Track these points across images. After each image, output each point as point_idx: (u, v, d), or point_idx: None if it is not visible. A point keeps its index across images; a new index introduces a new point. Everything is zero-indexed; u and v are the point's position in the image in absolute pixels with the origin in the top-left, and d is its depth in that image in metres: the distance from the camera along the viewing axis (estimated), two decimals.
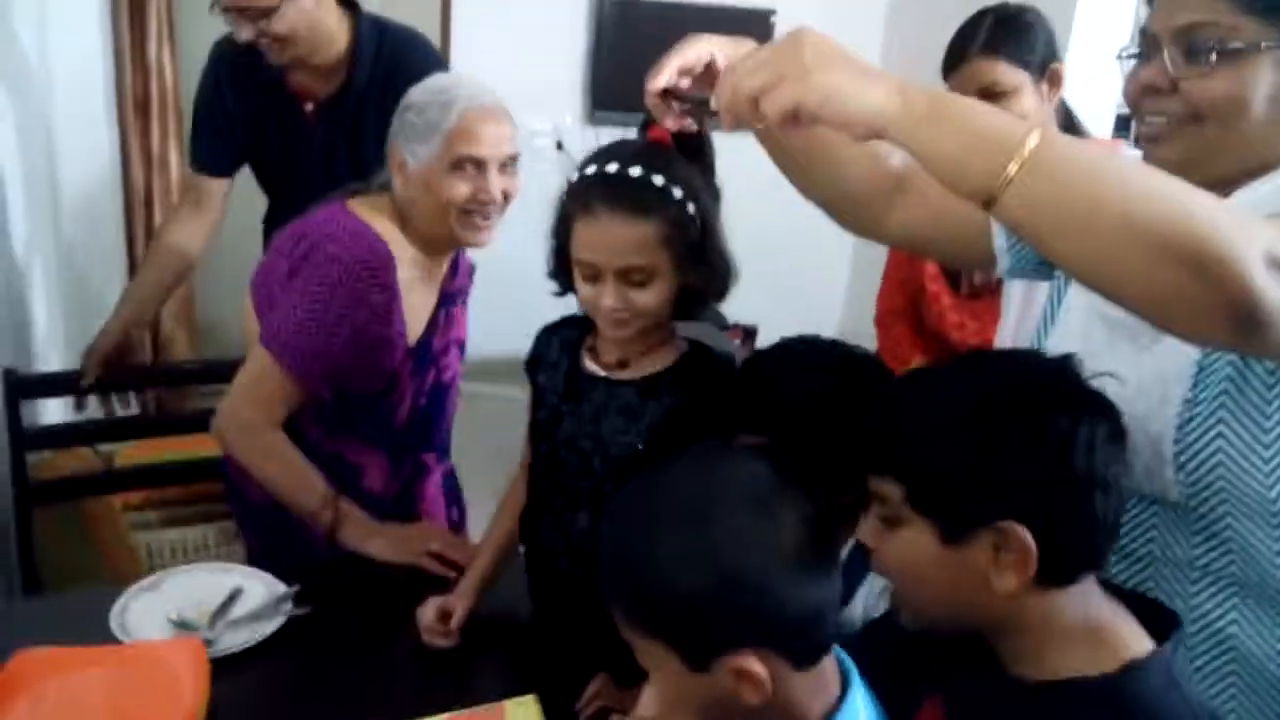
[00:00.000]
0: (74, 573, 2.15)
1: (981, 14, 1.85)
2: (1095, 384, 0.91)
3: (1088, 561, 0.90)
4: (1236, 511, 1.01)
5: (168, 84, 3.29)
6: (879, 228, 1.24)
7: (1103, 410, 0.89)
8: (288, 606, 1.46)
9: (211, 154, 2.18)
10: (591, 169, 1.27)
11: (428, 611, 1.45)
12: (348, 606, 1.54)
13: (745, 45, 1.06)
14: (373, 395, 1.72)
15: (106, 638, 1.38)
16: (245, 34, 1.94)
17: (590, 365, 1.39)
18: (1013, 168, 0.83)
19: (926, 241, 1.26)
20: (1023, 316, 1.77)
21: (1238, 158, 1.00)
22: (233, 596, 1.47)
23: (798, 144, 1.17)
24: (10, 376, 2.00)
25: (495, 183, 1.61)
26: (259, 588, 1.50)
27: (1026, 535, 0.85)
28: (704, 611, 0.84)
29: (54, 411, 2.36)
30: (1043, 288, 1.27)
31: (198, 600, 1.46)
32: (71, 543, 2.18)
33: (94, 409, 2.18)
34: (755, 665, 0.84)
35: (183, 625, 1.41)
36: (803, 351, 1.30)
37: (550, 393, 1.42)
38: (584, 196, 1.26)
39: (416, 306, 1.70)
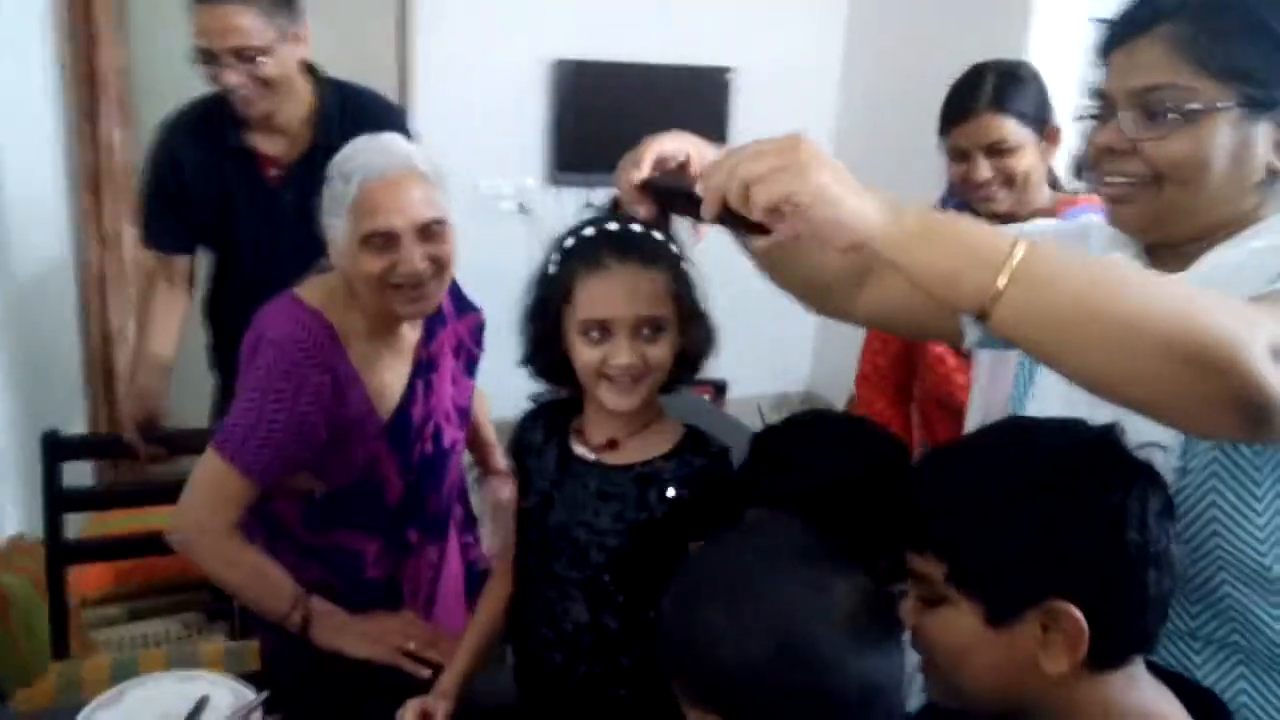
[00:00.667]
0: (33, 671, 2.07)
1: (980, 70, 1.85)
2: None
3: (1139, 642, 0.87)
4: (1233, 579, 0.99)
5: (120, 161, 3.24)
6: (846, 310, 1.24)
7: (1153, 482, 0.87)
8: (257, 716, 1.39)
9: (169, 232, 2.15)
10: (589, 230, 1.26)
11: (407, 715, 1.39)
12: (322, 712, 1.47)
13: (713, 149, 1.07)
14: (358, 482, 1.65)
15: None
16: (231, 79, 1.93)
17: (580, 448, 1.35)
18: (1001, 281, 0.83)
19: (892, 320, 1.27)
20: (994, 377, 1.76)
21: (1200, 216, 1.01)
22: (199, 707, 1.40)
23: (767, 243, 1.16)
24: (50, 439, 2.04)
25: (413, 253, 1.52)
26: (226, 696, 1.43)
27: (1078, 614, 0.82)
28: (763, 686, 0.81)
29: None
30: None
31: (163, 713, 1.39)
32: (32, 639, 2.10)
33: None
34: None
35: None
36: (815, 425, 1.29)
37: (539, 477, 1.37)
38: (591, 254, 1.24)
39: (385, 383, 1.64)
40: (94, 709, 1.39)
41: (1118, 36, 1.02)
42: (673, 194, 1.07)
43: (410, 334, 1.68)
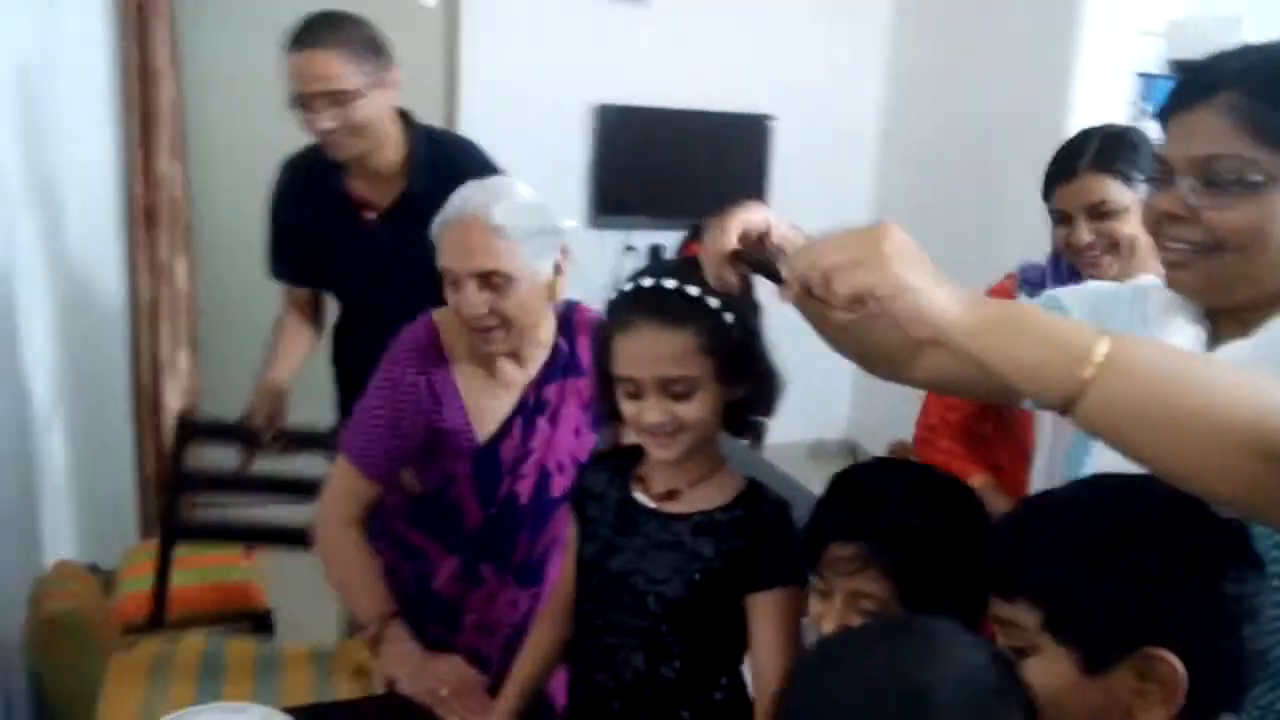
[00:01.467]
0: (80, 699, 2.08)
1: (1087, 132, 1.84)
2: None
3: (1232, 697, 0.86)
4: None
5: (176, 195, 3.30)
6: (905, 374, 1.25)
7: (1242, 537, 0.87)
8: None
9: (285, 265, 2.29)
10: (628, 286, 1.27)
11: None
12: None
13: (799, 229, 1.10)
14: (441, 493, 1.71)
15: None
16: (322, 123, 1.99)
17: (641, 496, 1.36)
18: (1088, 373, 0.83)
19: (951, 384, 1.27)
20: (1058, 426, 1.74)
21: (1260, 283, 1.01)
22: None
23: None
24: (184, 419, 2.39)
25: (472, 298, 1.56)
26: None
27: (1177, 663, 0.82)
28: None
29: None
30: None
31: None
32: (78, 666, 2.11)
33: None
34: None
35: None
36: (901, 469, 1.30)
37: (602, 525, 1.38)
38: (621, 313, 1.26)
39: (485, 408, 1.68)
40: None
41: (1178, 104, 1.03)
42: (758, 267, 1.10)
43: (514, 371, 1.70)
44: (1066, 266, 1.92)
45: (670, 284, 1.23)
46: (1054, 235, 1.87)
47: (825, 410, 4.68)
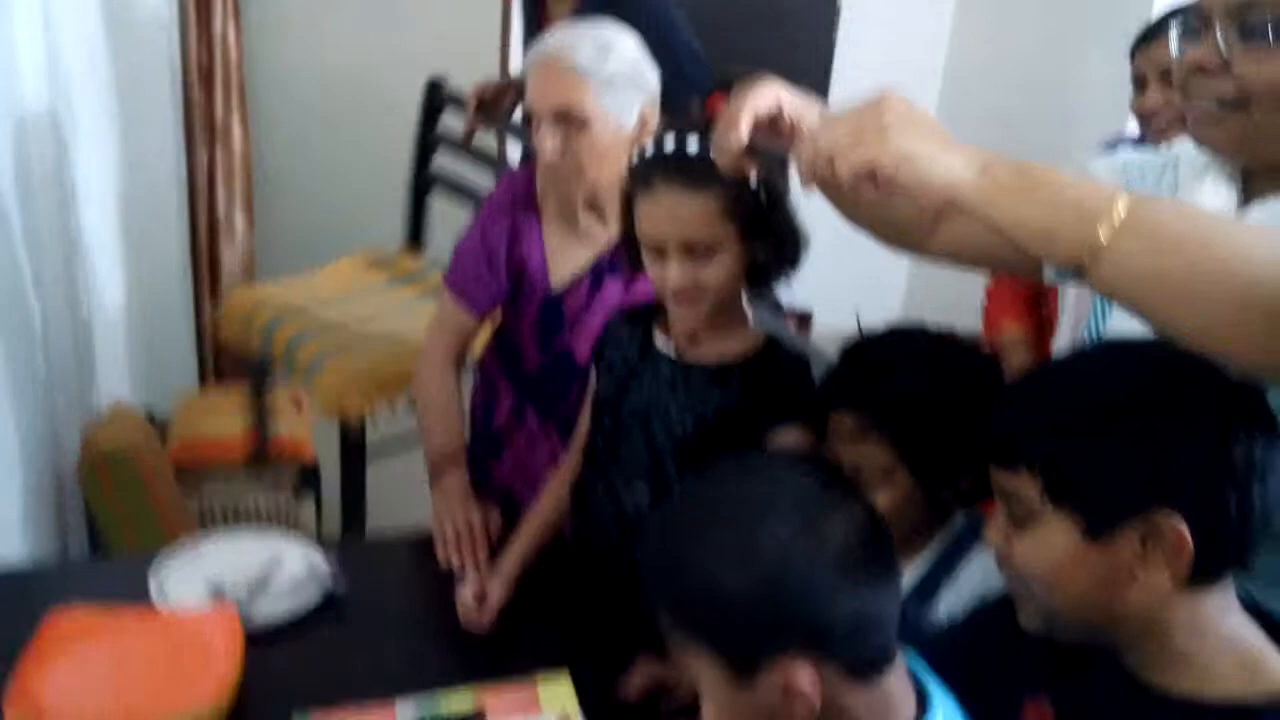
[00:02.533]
0: (132, 535, 2.20)
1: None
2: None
3: (1239, 555, 0.85)
4: None
5: (231, 57, 3.31)
6: (921, 248, 1.23)
7: (1256, 399, 0.85)
8: (326, 579, 1.46)
9: None
10: (650, 148, 1.27)
11: (466, 591, 1.43)
12: (386, 579, 1.53)
13: (813, 102, 1.06)
14: (511, 332, 1.77)
15: (145, 601, 1.39)
16: None
17: (661, 340, 1.38)
18: (1103, 232, 0.81)
19: (968, 257, 1.25)
20: (1079, 297, 1.71)
21: None
22: (271, 567, 1.47)
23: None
24: (432, 85, 2.73)
25: (546, 137, 1.55)
26: (298, 558, 1.50)
27: (1182, 525, 0.81)
28: (747, 615, 0.80)
29: None
30: None
31: (236, 568, 1.46)
32: (129, 505, 2.22)
33: None
34: (802, 675, 0.80)
35: (219, 594, 1.41)
36: (911, 337, 1.28)
37: (619, 366, 1.41)
38: (643, 175, 1.26)
39: (563, 259, 1.70)
40: (172, 558, 1.47)
41: None
42: (772, 157, 1.10)
43: (596, 227, 1.69)
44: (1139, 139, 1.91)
45: (693, 146, 1.22)
46: (1131, 102, 1.87)
47: (878, 294, 4.59)
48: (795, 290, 1.37)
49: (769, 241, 1.27)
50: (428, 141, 2.84)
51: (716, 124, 1.08)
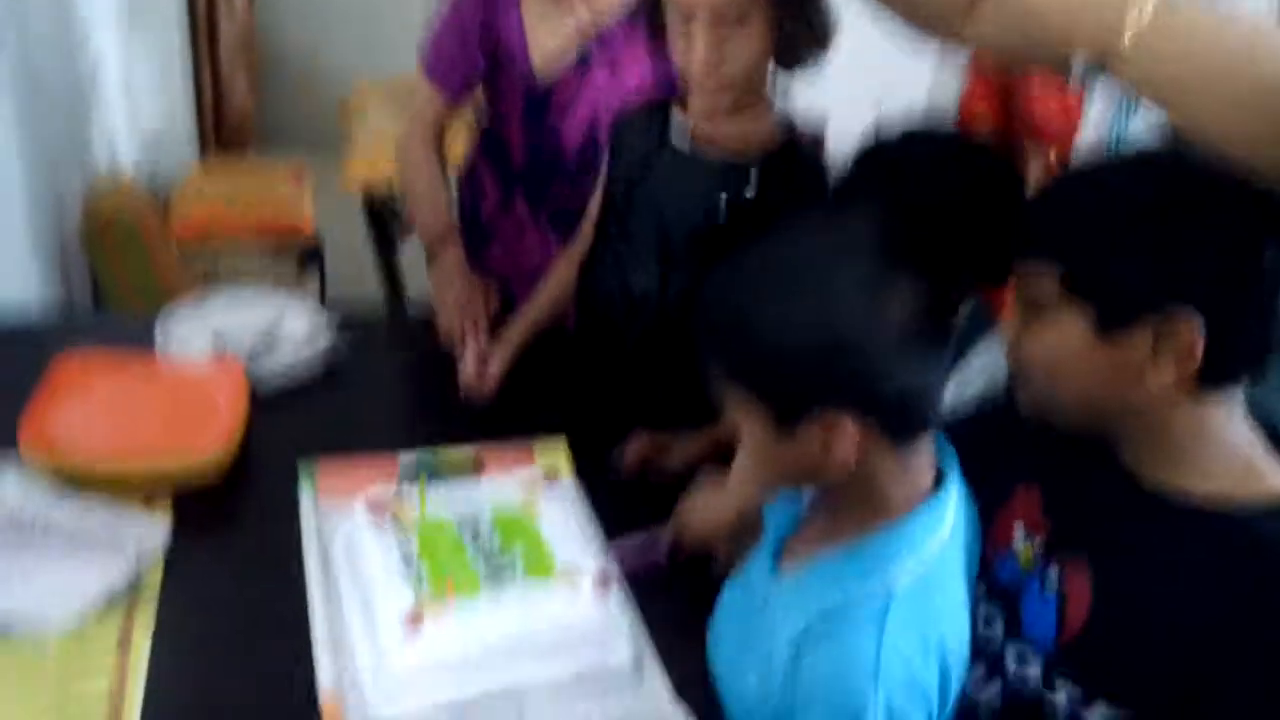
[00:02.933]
0: (133, 297, 2.22)
1: None
2: None
3: (1251, 364, 0.84)
4: None
5: None
6: (957, 33, 1.16)
7: None
8: (329, 336, 1.48)
9: None
10: None
11: (467, 362, 1.45)
12: (389, 340, 1.55)
13: None
14: (496, 122, 1.72)
15: (151, 351, 1.42)
16: None
17: (679, 128, 1.34)
18: (1130, 21, 0.77)
19: (1002, 46, 1.19)
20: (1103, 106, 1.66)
21: None
22: (276, 323, 1.49)
23: None
24: None
25: None
26: (302, 316, 1.51)
27: (1197, 326, 0.80)
28: (805, 369, 0.80)
29: None
30: None
31: (241, 323, 1.48)
32: (132, 272, 2.23)
33: None
34: (845, 431, 0.80)
35: (223, 346, 1.43)
36: (928, 139, 1.25)
37: (634, 150, 1.38)
38: None
39: (546, 40, 1.62)
40: (178, 311, 1.48)
41: None
42: None
43: (582, 8, 1.61)
44: None
45: None
46: None
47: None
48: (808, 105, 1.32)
49: (800, 16, 1.22)
50: None
51: None
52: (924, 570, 0.84)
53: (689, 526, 1.18)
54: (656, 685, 1.03)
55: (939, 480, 0.88)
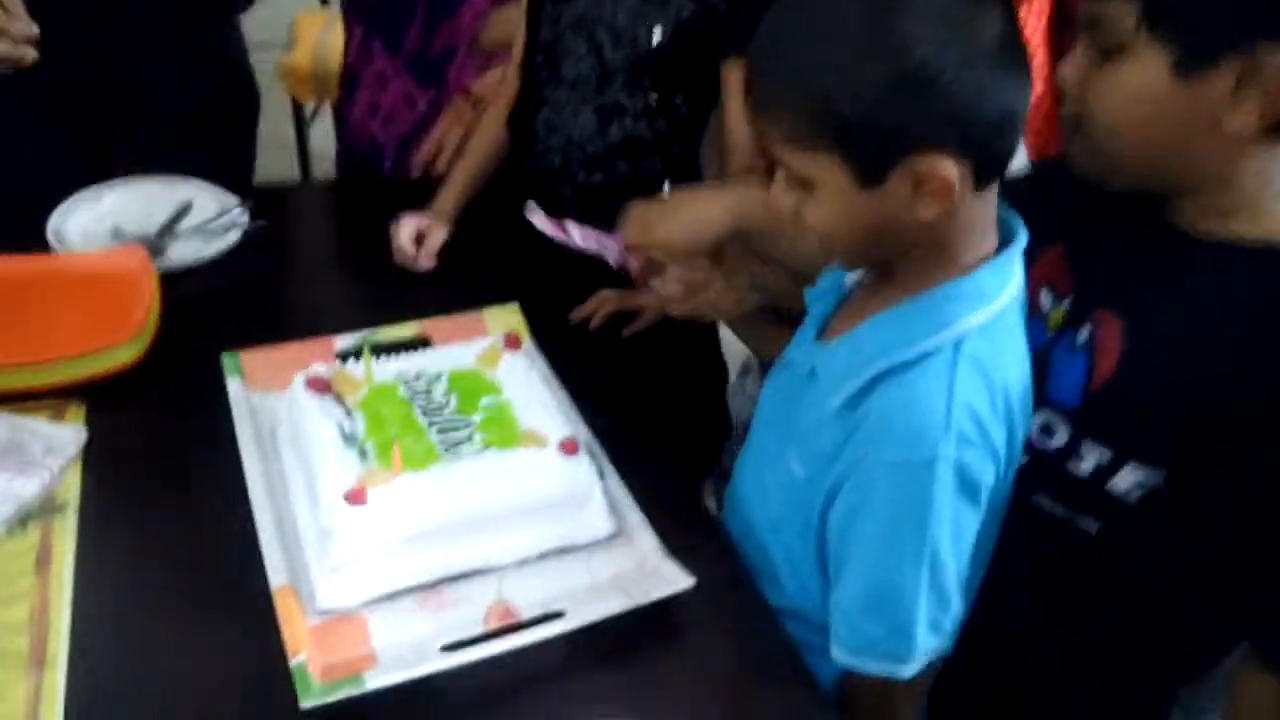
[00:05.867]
0: None
1: None
2: None
3: None
4: None
5: None
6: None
7: None
8: (243, 221, 1.33)
9: None
10: None
11: (403, 231, 1.31)
12: (311, 224, 1.41)
13: None
14: None
15: (42, 249, 1.26)
16: None
17: None
18: None
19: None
20: None
21: None
22: (182, 211, 1.34)
23: None
24: None
25: None
26: (210, 202, 1.36)
27: None
28: (892, 110, 0.71)
29: None
30: None
31: (144, 214, 1.32)
32: None
33: None
34: (945, 168, 0.72)
35: (125, 238, 1.28)
36: None
37: None
38: None
39: None
40: (71, 205, 1.32)
41: None
42: None
43: None
44: None
45: None
46: None
47: None
48: None
49: None
50: None
51: None
52: (992, 322, 0.79)
53: (655, 238, 1.09)
54: (646, 545, 0.93)
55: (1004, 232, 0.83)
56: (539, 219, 1.19)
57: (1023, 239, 0.82)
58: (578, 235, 1.18)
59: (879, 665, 0.84)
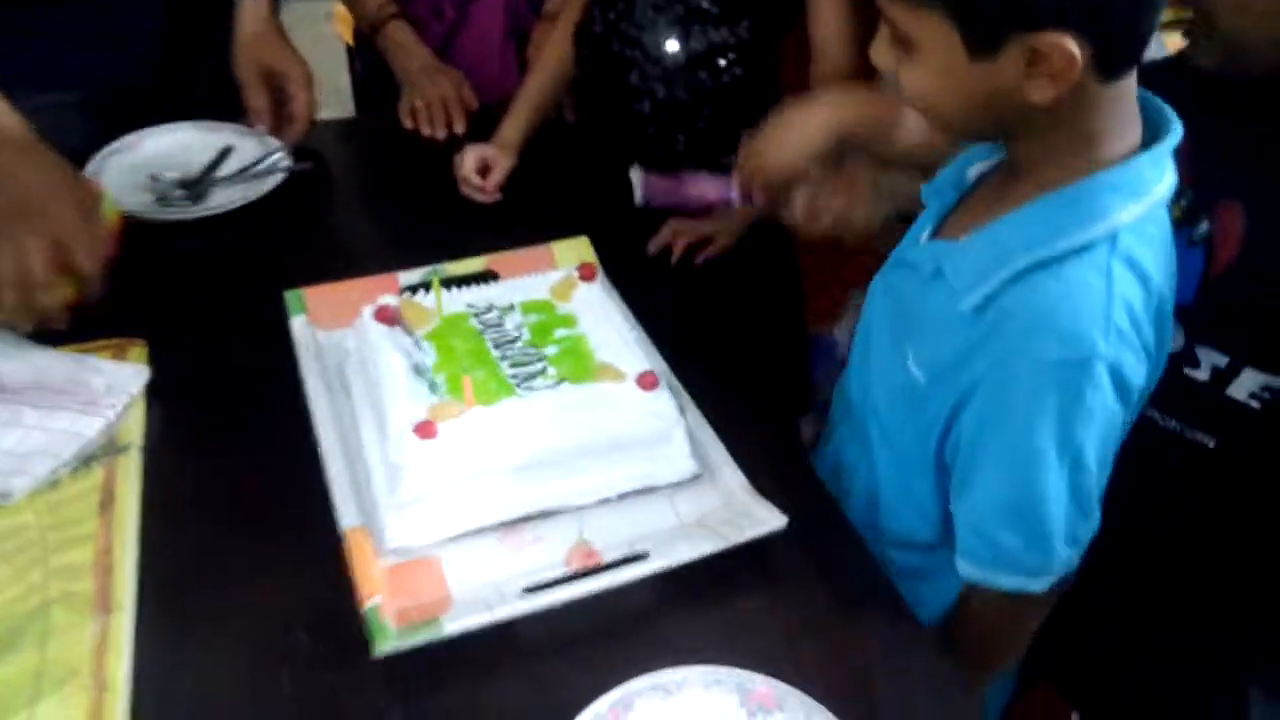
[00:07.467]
0: None
1: None
2: None
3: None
4: None
5: None
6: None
7: None
8: (286, 163, 1.28)
9: None
10: None
11: (466, 161, 1.26)
12: (367, 159, 1.36)
13: None
14: None
15: None
16: None
17: None
18: None
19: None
20: None
21: None
22: (221, 155, 1.29)
23: None
24: None
25: None
26: (252, 146, 1.31)
27: (1066, 43, 0.66)
28: None
29: None
30: None
31: (182, 161, 1.28)
32: None
33: None
34: (1066, 45, 0.65)
35: (162, 184, 1.24)
36: None
37: None
38: None
39: None
40: (107, 154, 1.27)
41: None
42: None
43: None
44: None
45: None
46: None
47: None
48: None
49: None
50: None
51: None
52: (1145, 216, 0.73)
53: (764, 165, 1.03)
54: (733, 483, 0.88)
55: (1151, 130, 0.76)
56: (647, 183, 1.12)
57: (1177, 132, 0.75)
58: (695, 186, 1.11)
59: (1011, 579, 0.79)
